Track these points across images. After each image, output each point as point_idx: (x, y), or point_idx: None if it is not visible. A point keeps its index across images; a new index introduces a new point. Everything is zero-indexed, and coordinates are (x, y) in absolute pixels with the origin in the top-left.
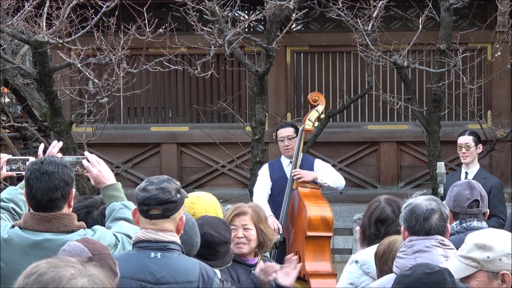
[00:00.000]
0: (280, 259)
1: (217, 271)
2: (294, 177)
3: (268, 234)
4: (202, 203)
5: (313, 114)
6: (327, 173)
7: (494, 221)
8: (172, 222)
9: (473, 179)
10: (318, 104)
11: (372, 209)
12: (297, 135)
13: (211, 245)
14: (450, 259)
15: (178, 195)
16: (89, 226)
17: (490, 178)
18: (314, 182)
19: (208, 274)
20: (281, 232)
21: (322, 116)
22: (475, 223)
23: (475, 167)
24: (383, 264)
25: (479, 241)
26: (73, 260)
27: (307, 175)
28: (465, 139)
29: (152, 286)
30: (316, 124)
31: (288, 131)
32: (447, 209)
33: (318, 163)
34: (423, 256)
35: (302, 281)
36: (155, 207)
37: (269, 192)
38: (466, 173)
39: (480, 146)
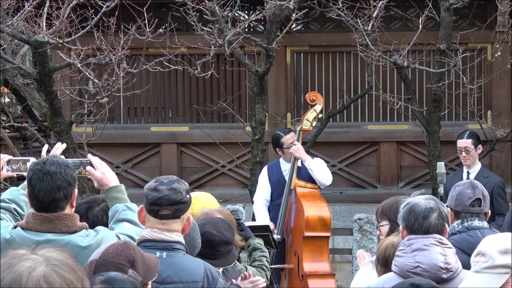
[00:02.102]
0: (279, 259)
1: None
2: (291, 150)
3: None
4: (200, 203)
5: (310, 114)
6: (317, 165)
7: (501, 220)
8: (181, 222)
9: (475, 178)
10: (315, 104)
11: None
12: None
13: (211, 244)
14: (469, 276)
15: (188, 196)
16: (89, 221)
17: (492, 177)
18: (311, 181)
19: (213, 274)
20: (278, 235)
21: (320, 115)
22: (476, 223)
23: (476, 167)
24: (383, 262)
25: (501, 247)
26: (23, 252)
27: (300, 151)
28: (464, 143)
29: (157, 285)
30: (314, 124)
31: (293, 136)
32: (446, 208)
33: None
34: (421, 255)
35: None
36: (167, 208)
37: (269, 199)
38: (468, 172)
39: (480, 146)
